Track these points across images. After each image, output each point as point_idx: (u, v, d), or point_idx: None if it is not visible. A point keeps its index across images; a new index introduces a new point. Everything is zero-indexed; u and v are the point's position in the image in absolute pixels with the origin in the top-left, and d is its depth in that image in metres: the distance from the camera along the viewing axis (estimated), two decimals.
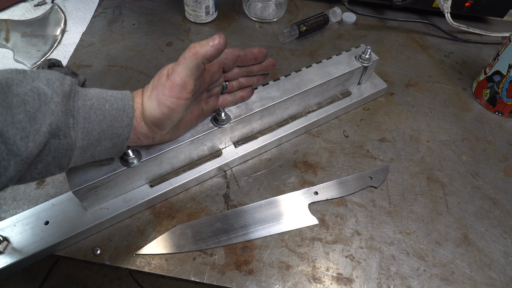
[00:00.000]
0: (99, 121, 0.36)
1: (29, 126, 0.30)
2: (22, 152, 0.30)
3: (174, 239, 0.48)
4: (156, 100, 0.38)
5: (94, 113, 0.35)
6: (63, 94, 0.33)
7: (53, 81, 0.33)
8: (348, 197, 0.54)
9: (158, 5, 0.80)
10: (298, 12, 0.81)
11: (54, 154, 0.33)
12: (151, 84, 0.39)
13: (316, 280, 0.46)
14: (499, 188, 0.56)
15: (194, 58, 0.36)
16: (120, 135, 0.38)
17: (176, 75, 0.37)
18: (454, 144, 0.61)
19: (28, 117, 0.30)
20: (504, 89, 0.61)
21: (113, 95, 0.37)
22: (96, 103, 0.36)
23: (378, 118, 0.63)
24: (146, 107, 0.39)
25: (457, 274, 0.48)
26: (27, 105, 0.30)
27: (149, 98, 0.39)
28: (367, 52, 0.58)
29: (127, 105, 0.38)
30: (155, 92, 0.38)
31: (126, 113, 0.38)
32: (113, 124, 0.37)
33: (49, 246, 0.45)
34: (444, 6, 0.75)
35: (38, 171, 0.33)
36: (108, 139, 0.37)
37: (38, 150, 0.31)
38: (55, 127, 0.32)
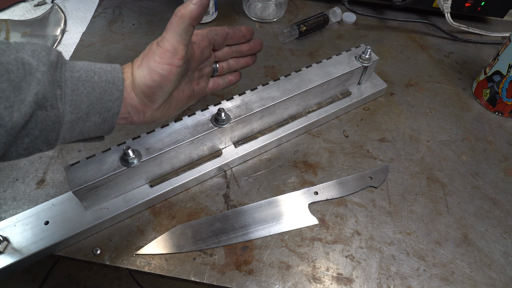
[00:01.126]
0: (87, 94, 0.34)
1: (13, 96, 0.29)
2: (6, 123, 0.29)
3: (174, 239, 0.48)
4: (147, 67, 0.37)
5: (83, 85, 0.34)
6: (50, 64, 0.32)
7: (38, 51, 0.32)
8: (348, 197, 0.54)
9: (158, 5, 0.80)
10: (298, 12, 0.81)
11: (41, 127, 0.32)
12: (141, 55, 0.39)
13: (316, 280, 0.46)
14: (499, 188, 0.56)
15: (182, 22, 0.36)
16: (110, 109, 0.36)
17: (166, 41, 0.37)
18: (454, 144, 0.61)
19: (12, 87, 0.29)
20: (504, 89, 0.61)
21: (102, 68, 0.36)
22: (84, 74, 0.34)
23: (378, 118, 0.63)
24: (136, 75, 0.37)
25: (457, 274, 0.48)
26: (10, 74, 0.29)
27: (139, 66, 0.37)
28: (367, 52, 0.58)
29: (117, 77, 0.36)
30: (145, 60, 0.37)
31: (116, 86, 0.36)
32: (103, 97, 0.35)
33: (49, 246, 0.45)
34: (444, 6, 0.75)
35: (24, 146, 0.32)
36: (97, 113, 0.35)
37: (24, 121, 0.30)
38: (42, 97, 0.31)
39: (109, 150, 0.46)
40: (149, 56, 0.37)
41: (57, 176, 0.53)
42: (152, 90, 0.37)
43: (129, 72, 0.38)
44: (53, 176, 0.53)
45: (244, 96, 0.53)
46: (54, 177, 0.53)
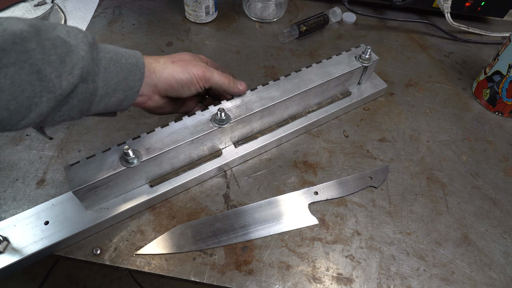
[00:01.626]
0: (116, 73, 0.39)
1: (61, 67, 0.33)
2: (56, 89, 0.33)
3: (174, 239, 0.48)
4: (183, 67, 0.46)
5: (113, 65, 0.39)
6: (89, 44, 0.36)
7: (75, 32, 0.36)
8: (348, 197, 0.54)
9: (158, 5, 0.80)
10: (298, 12, 0.81)
11: (80, 97, 0.36)
12: (175, 58, 0.47)
13: (316, 280, 0.46)
14: (499, 188, 0.56)
15: (231, 88, 0.50)
16: (132, 87, 0.41)
17: (212, 78, 0.48)
18: (454, 144, 0.61)
19: (59, 60, 0.33)
20: (504, 89, 0.61)
21: (127, 52, 0.42)
22: (114, 56, 0.39)
23: (378, 118, 0.63)
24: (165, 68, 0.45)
25: (457, 274, 0.48)
26: (57, 49, 0.33)
27: (173, 63, 0.46)
28: (367, 52, 0.58)
29: (139, 61, 0.42)
30: (183, 63, 0.46)
31: (139, 69, 0.42)
32: (128, 77, 0.41)
33: (49, 246, 0.45)
34: (444, 6, 0.75)
35: (61, 113, 0.36)
36: (122, 90, 0.40)
37: (69, 90, 0.34)
38: (86, 71, 0.35)
39: (109, 150, 0.46)
40: (189, 64, 0.46)
41: (57, 176, 0.53)
42: (177, 83, 0.45)
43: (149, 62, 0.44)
44: (53, 176, 0.53)
45: (244, 96, 0.53)
46: (54, 177, 0.53)
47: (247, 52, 0.72)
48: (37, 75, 0.32)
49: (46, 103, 0.33)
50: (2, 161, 0.54)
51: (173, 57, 0.47)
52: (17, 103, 0.31)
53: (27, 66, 0.31)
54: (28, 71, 0.31)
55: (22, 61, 0.31)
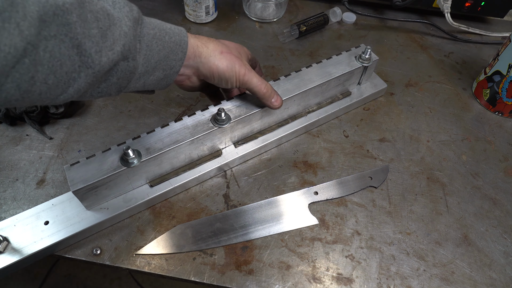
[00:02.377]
0: (158, 51, 0.38)
1: (101, 42, 0.32)
2: (95, 65, 0.32)
3: (174, 239, 0.48)
4: (229, 61, 0.45)
5: (156, 42, 0.38)
6: (134, 19, 0.35)
7: (121, 5, 0.34)
8: (348, 197, 0.54)
9: (158, 5, 0.80)
10: (298, 12, 0.81)
11: (119, 75, 0.35)
12: (224, 46, 0.46)
13: (316, 280, 0.46)
14: (499, 188, 0.56)
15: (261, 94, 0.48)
16: (172, 67, 0.41)
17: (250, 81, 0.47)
18: (454, 144, 0.61)
19: (101, 34, 0.32)
20: (504, 89, 0.61)
21: (171, 29, 0.40)
22: (158, 33, 0.38)
23: (378, 118, 0.63)
24: (213, 56, 0.44)
25: (457, 274, 0.48)
26: (99, 22, 0.32)
27: (222, 53, 0.45)
28: (367, 52, 0.58)
29: (183, 41, 0.41)
30: (230, 56, 0.45)
31: (181, 48, 0.41)
32: (169, 56, 0.39)
33: (49, 246, 0.45)
34: (444, 6, 0.75)
35: (99, 90, 0.35)
36: (162, 69, 0.40)
37: (109, 67, 0.33)
38: (127, 49, 0.34)
39: (109, 150, 0.46)
40: (236, 61, 0.45)
41: (57, 176, 0.53)
42: (218, 75, 0.45)
43: (196, 44, 0.43)
44: (53, 176, 0.53)
45: (244, 96, 0.53)
46: (54, 177, 0.53)
47: None
48: (76, 49, 0.30)
49: (85, 79, 0.32)
50: (2, 161, 0.54)
51: (222, 46, 0.46)
52: (55, 77, 0.30)
53: (68, 39, 0.30)
54: (68, 44, 0.30)
55: (62, 34, 0.29)
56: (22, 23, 0.26)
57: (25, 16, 0.26)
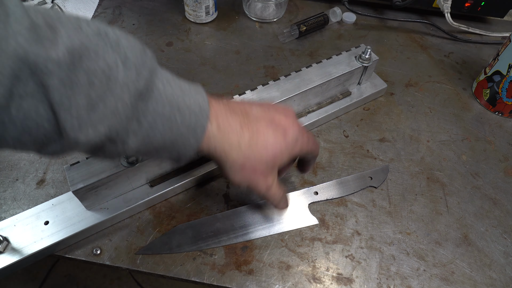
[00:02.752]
0: (164, 133, 0.30)
1: (85, 115, 0.25)
2: (70, 141, 0.26)
3: (174, 239, 0.48)
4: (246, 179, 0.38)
5: (162, 123, 0.30)
6: (136, 93, 0.27)
7: (130, 66, 0.27)
8: (348, 197, 0.54)
9: (158, 5, 0.80)
10: (298, 12, 0.81)
11: (104, 155, 0.30)
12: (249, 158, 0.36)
13: (316, 280, 0.46)
14: (499, 188, 0.56)
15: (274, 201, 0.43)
16: (181, 153, 0.33)
17: (267, 194, 0.41)
18: (454, 144, 0.61)
19: (89, 104, 0.25)
20: (504, 89, 0.61)
21: (189, 106, 0.31)
22: (168, 111, 0.30)
23: (378, 118, 0.63)
24: (231, 169, 0.36)
25: (457, 274, 0.48)
26: (91, 89, 0.25)
27: (241, 170, 0.36)
28: (367, 52, 0.58)
29: (200, 124, 0.32)
30: (249, 175, 0.37)
31: (195, 134, 0.32)
32: (178, 141, 0.31)
33: (49, 246, 0.45)
34: (444, 6, 0.75)
35: (86, 154, 0.31)
36: (167, 152, 0.32)
37: (88, 147, 0.27)
38: (115, 133, 0.27)
39: None
40: (257, 178, 0.38)
41: (57, 176, 0.53)
42: (231, 181, 0.38)
43: (215, 145, 0.34)
44: (53, 176, 0.53)
45: (244, 96, 0.53)
46: (54, 177, 0.53)
47: (247, 52, 0.72)
48: (54, 114, 0.25)
49: (63, 147, 0.27)
50: (2, 161, 0.54)
51: (248, 159, 0.36)
52: (31, 137, 0.25)
53: (46, 101, 0.24)
54: (48, 106, 0.24)
55: (41, 94, 0.24)
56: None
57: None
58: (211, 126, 0.33)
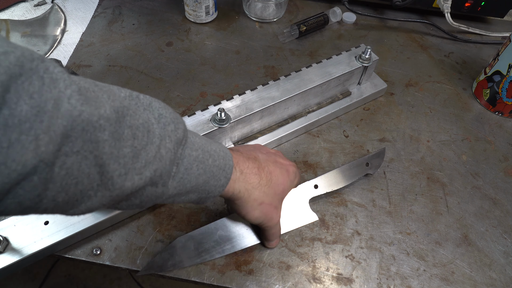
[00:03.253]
0: (198, 175, 0.33)
1: (130, 163, 0.27)
2: (115, 189, 0.27)
3: (176, 254, 0.46)
4: (263, 214, 0.42)
5: (197, 166, 0.33)
6: (177, 141, 0.31)
7: (167, 120, 0.31)
8: (348, 197, 0.54)
9: (158, 5, 0.80)
10: (298, 12, 0.81)
11: (144, 199, 0.31)
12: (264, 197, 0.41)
13: (316, 280, 0.46)
14: (499, 188, 0.56)
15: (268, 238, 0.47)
16: (210, 192, 0.36)
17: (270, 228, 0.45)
18: (454, 144, 0.61)
19: (133, 154, 0.28)
20: (504, 89, 0.61)
21: (216, 151, 0.36)
22: (201, 155, 0.34)
23: (378, 118, 0.63)
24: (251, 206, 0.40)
25: (457, 274, 0.48)
26: (135, 140, 0.28)
27: (260, 205, 0.41)
28: (367, 52, 0.58)
29: (228, 165, 0.36)
30: (266, 209, 0.42)
31: (225, 173, 0.36)
32: (209, 181, 0.35)
33: (49, 246, 0.45)
34: (444, 6, 0.75)
35: (118, 206, 0.31)
36: (197, 192, 0.35)
37: (131, 191, 0.29)
38: (159, 175, 0.30)
39: None
40: (271, 213, 0.43)
41: None
42: (246, 217, 0.42)
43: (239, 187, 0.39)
44: None
45: (244, 96, 0.53)
46: None
47: (247, 52, 0.72)
48: (99, 168, 0.26)
49: (100, 200, 0.27)
50: None
51: (267, 196, 0.41)
52: (67, 195, 0.25)
53: (92, 157, 0.25)
54: (91, 162, 0.25)
55: (87, 151, 0.25)
56: (42, 137, 0.22)
57: (48, 129, 0.22)
58: (235, 171, 0.38)
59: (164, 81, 0.66)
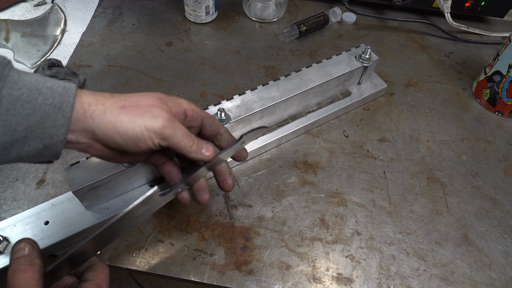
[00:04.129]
0: (26, 115, 0.30)
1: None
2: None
3: None
4: (131, 115, 0.34)
5: (21, 105, 0.30)
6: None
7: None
8: (348, 197, 0.54)
9: (158, 5, 0.80)
10: (298, 12, 0.81)
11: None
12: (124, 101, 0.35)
13: (316, 280, 0.46)
14: (499, 188, 0.56)
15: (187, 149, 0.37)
16: (53, 135, 0.32)
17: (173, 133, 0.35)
18: (454, 144, 0.61)
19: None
20: (504, 89, 0.61)
21: (52, 88, 0.32)
22: (26, 93, 0.30)
23: (378, 118, 0.63)
24: (110, 115, 0.34)
25: (457, 274, 0.48)
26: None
27: (121, 109, 0.34)
28: (367, 52, 0.58)
29: (66, 102, 0.32)
30: (134, 110, 0.34)
31: (63, 112, 0.32)
32: (44, 122, 0.31)
33: (49, 246, 0.45)
34: (444, 6, 0.75)
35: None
36: (38, 138, 0.32)
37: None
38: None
39: None
40: (145, 113, 0.35)
41: (57, 176, 0.53)
42: (119, 136, 0.34)
43: (88, 102, 0.34)
44: (53, 176, 0.53)
45: (244, 96, 0.53)
46: (54, 177, 0.53)
47: (247, 52, 0.72)
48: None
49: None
50: None
51: (127, 100, 0.35)
52: None
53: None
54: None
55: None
56: None
57: None
58: (81, 99, 0.33)
59: (164, 81, 0.66)
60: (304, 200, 0.53)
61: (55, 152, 0.34)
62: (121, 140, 0.34)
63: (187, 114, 0.38)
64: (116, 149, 0.36)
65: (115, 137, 0.34)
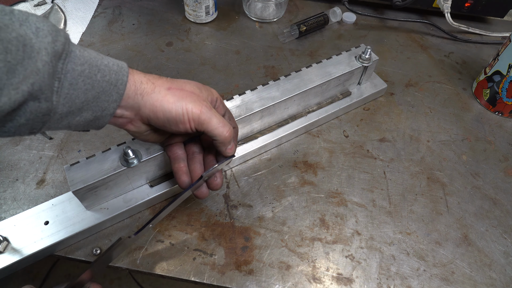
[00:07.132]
0: (85, 90, 0.33)
1: (5, 78, 0.27)
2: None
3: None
4: (177, 97, 0.37)
5: (83, 80, 0.32)
6: (54, 53, 0.30)
7: (44, 32, 0.29)
8: (348, 197, 0.54)
9: (158, 5, 0.80)
10: (298, 12, 0.81)
11: (29, 116, 0.30)
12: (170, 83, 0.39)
13: (316, 280, 0.46)
14: (499, 188, 0.56)
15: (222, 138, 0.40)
16: (104, 109, 0.35)
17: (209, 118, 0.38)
18: (454, 144, 0.61)
19: (7, 68, 0.27)
20: (504, 89, 0.61)
21: (108, 65, 0.34)
22: (87, 70, 0.33)
23: (378, 118, 0.63)
24: (158, 94, 0.37)
25: (457, 274, 0.48)
26: (8, 55, 0.27)
27: (168, 89, 0.37)
28: (367, 52, 0.58)
29: (120, 80, 0.35)
30: (179, 92, 0.38)
31: (117, 89, 0.35)
32: (100, 97, 0.34)
33: (49, 246, 0.45)
34: (444, 6, 0.75)
35: (5, 129, 0.30)
36: (91, 110, 0.34)
37: (11, 108, 0.28)
38: (38, 89, 0.29)
39: (109, 150, 0.46)
40: (187, 97, 0.38)
41: (57, 176, 0.53)
42: (163, 115, 0.37)
43: (140, 81, 0.37)
44: (53, 176, 0.53)
45: (244, 96, 0.53)
46: (54, 177, 0.53)
47: (247, 52, 0.72)
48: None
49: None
50: (2, 161, 0.54)
51: (173, 83, 0.39)
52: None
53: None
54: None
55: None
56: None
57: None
58: (133, 77, 0.36)
59: None
60: (304, 200, 0.53)
61: (102, 123, 0.36)
62: (164, 118, 0.37)
63: (217, 103, 0.43)
64: (154, 126, 0.39)
65: (159, 114, 0.37)
